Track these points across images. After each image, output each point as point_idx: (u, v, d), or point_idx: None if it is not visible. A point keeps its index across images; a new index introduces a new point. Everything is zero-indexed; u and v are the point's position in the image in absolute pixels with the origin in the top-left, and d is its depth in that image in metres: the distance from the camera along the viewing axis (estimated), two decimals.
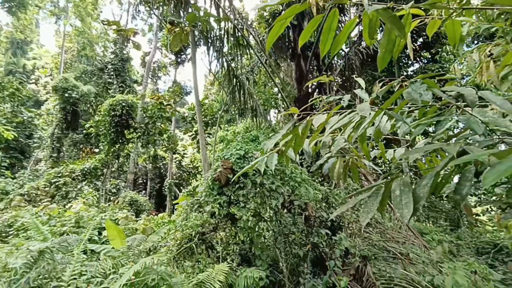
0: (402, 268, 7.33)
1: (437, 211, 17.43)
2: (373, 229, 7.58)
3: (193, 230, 4.95)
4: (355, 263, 6.97)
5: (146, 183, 26.40)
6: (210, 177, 5.57)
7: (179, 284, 4.04)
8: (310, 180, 6.26)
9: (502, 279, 10.19)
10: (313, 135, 2.41)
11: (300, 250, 5.62)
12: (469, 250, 13.20)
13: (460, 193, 1.80)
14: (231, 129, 14.99)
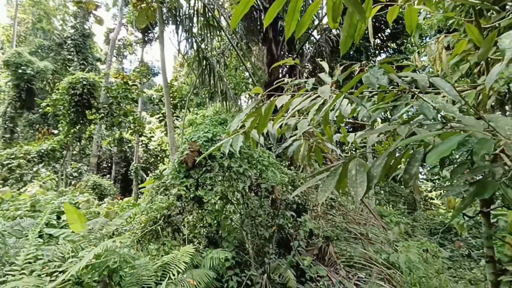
0: (361, 248, 7.80)
1: (397, 195, 18.66)
2: (336, 211, 7.95)
3: (158, 213, 4.88)
4: (318, 244, 7.30)
5: (111, 167, 25.40)
6: (176, 160, 5.48)
7: (143, 266, 4.01)
8: (278, 164, 6.37)
9: (449, 256, 11.23)
10: (277, 116, 2.44)
11: (266, 232, 5.76)
12: (423, 231, 14.35)
13: (409, 172, 1.92)
14: (200, 112, 14.74)
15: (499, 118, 1.40)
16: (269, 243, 5.78)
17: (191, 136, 5.62)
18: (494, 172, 1.70)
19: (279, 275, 5.90)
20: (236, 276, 5.52)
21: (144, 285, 3.84)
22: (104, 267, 3.53)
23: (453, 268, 9.91)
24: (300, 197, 6.31)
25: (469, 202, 1.62)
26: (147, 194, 5.66)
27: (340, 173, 2.07)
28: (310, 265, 6.56)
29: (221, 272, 5.51)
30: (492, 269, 2.75)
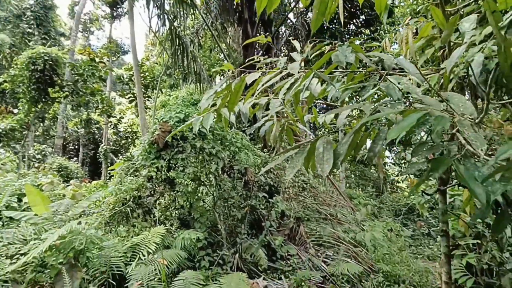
0: (331, 228, 8.13)
1: (366, 179, 19.49)
2: (308, 193, 8.18)
3: (128, 194, 4.77)
4: (289, 224, 7.51)
5: (78, 150, 24.26)
6: (147, 141, 5.33)
7: (112, 247, 3.94)
8: (251, 146, 6.39)
9: (411, 235, 12.00)
10: (248, 93, 2.41)
11: (238, 213, 5.83)
12: (389, 212, 15.20)
13: (373, 150, 1.99)
14: (173, 94, 14.31)
15: (454, 96, 1.47)
16: (241, 224, 5.86)
17: (163, 116, 5.46)
18: (450, 150, 1.80)
19: (251, 255, 6.04)
20: (208, 256, 5.58)
21: (113, 266, 3.78)
22: (70, 249, 3.43)
23: (414, 246, 10.61)
24: (272, 179, 6.40)
25: (425, 177, 1.72)
26: (116, 176, 5.49)
27: (308, 151, 2.10)
28: (281, 245, 6.75)
29: (193, 253, 5.54)
30: (446, 242, 2.97)
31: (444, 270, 2.95)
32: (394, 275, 6.77)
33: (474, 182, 1.48)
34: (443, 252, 2.96)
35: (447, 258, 2.94)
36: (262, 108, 3.05)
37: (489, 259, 4.37)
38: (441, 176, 2.95)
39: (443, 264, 2.94)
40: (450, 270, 2.97)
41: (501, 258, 4.34)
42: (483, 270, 4.38)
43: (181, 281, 3.82)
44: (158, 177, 5.29)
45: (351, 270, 6.12)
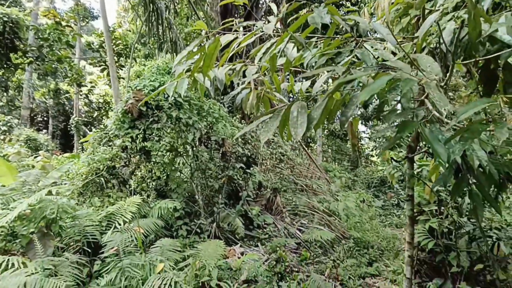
0: (306, 198, 8.42)
1: (342, 153, 20.08)
2: (285, 165, 8.35)
3: (101, 164, 4.65)
4: (266, 195, 7.69)
5: (47, 122, 23.09)
6: (120, 109, 5.14)
7: (86, 217, 3.88)
8: (228, 117, 6.34)
9: (382, 205, 12.67)
10: (223, 57, 2.35)
11: (216, 183, 5.87)
12: (362, 185, 15.88)
13: (345, 115, 2.03)
14: (148, 64, 13.69)
15: (423, 57, 1.50)
16: (218, 194, 5.93)
17: (136, 85, 5.25)
18: (417, 114, 1.86)
19: (228, 224, 6.18)
20: (186, 225, 5.65)
21: (88, 235, 3.75)
22: (40, 218, 3.35)
23: (384, 215, 11.23)
24: (250, 150, 6.45)
25: (394, 140, 1.79)
26: (88, 146, 5.31)
27: (283, 115, 2.11)
28: (258, 214, 6.94)
29: (170, 222, 5.59)
30: (411, 206, 3.16)
31: (408, 232, 3.16)
32: (364, 241, 7.20)
33: (438, 142, 1.56)
34: (408, 215, 3.16)
35: (411, 221, 3.15)
36: (238, 75, 3.00)
37: (449, 223, 4.72)
38: (409, 144, 3.08)
39: (407, 226, 3.15)
40: (413, 232, 3.19)
41: (459, 222, 4.70)
42: (443, 233, 4.74)
43: (158, 248, 3.87)
44: (133, 147, 5.17)
45: (324, 236, 6.44)
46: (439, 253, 4.80)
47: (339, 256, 6.37)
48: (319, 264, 6.02)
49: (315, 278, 4.77)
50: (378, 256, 6.91)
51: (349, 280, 5.51)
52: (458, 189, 2.41)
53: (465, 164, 2.51)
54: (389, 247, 7.50)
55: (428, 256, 5.26)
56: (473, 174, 2.42)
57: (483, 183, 2.37)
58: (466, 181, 2.41)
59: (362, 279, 5.78)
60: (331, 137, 19.32)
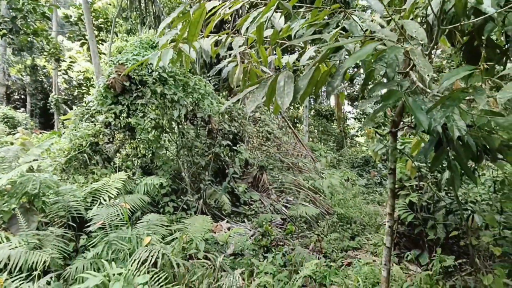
0: (292, 176, 8.55)
1: (328, 134, 20.36)
2: (271, 143, 8.39)
3: (84, 140, 4.54)
4: (253, 172, 7.76)
5: (25, 100, 22.13)
6: (102, 84, 4.97)
7: (70, 192, 3.83)
8: (214, 94, 6.25)
9: (365, 184, 13.04)
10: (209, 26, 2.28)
11: (202, 160, 5.86)
12: (347, 164, 16.23)
13: (332, 85, 2.03)
14: (131, 39, 13.16)
15: (409, 23, 1.50)
16: (205, 171, 5.94)
17: (118, 59, 5.06)
18: (402, 85, 1.89)
19: (215, 200, 6.24)
20: (173, 202, 5.67)
21: (73, 210, 3.71)
22: (22, 193, 3.28)
23: (367, 193, 11.58)
24: (236, 127, 6.43)
25: (378, 110, 1.82)
26: (70, 122, 5.15)
27: (270, 85, 2.09)
28: (245, 191, 7.03)
29: (156, 199, 5.59)
30: (392, 179, 3.27)
31: (389, 204, 3.28)
32: (347, 217, 7.44)
33: (420, 111, 1.59)
34: (389, 188, 3.27)
35: (392, 194, 3.26)
36: (224, 47, 2.93)
37: (428, 198, 4.93)
38: (393, 119, 3.13)
39: (388, 199, 3.26)
40: (394, 204, 3.31)
41: (438, 196, 4.91)
42: (422, 207, 4.95)
43: (144, 223, 3.88)
44: (117, 124, 5.06)
45: (309, 212, 6.62)
46: (417, 226, 5.04)
47: (323, 231, 6.59)
48: (304, 239, 6.22)
49: (300, 251, 4.94)
50: (360, 230, 7.19)
51: (332, 253, 5.73)
52: (437, 161, 2.49)
53: (446, 137, 2.59)
54: (371, 222, 7.79)
55: (407, 229, 5.52)
56: (453, 147, 2.51)
57: (461, 155, 2.46)
58: (445, 153, 2.49)
59: (345, 252, 6.02)
60: (318, 117, 19.47)
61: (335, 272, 4.78)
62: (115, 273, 2.47)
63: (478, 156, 2.52)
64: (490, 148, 2.52)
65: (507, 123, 1.43)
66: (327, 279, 4.59)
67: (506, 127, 1.42)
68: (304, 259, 4.72)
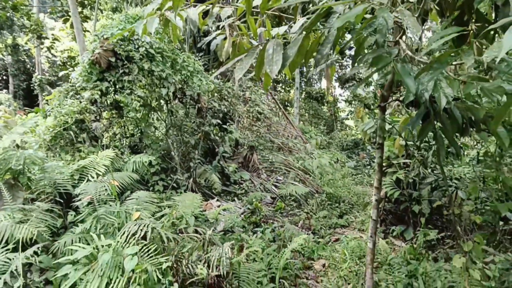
0: (282, 156, 8.60)
1: (319, 118, 20.48)
2: (262, 123, 8.37)
3: (69, 117, 4.42)
4: (243, 152, 7.76)
5: (7, 81, 21.34)
6: (87, 60, 4.81)
7: (56, 169, 3.76)
8: (203, 72, 6.13)
9: (354, 166, 13.26)
10: None
11: (191, 139, 5.81)
12: (337, 147, 16.43)
13: (321, 53, 2.00)
14: (117, 17, 12.69)
15: None
16: (195, 150, 5.90)
17: (103, 33, 4.88)
18: (391, 53, 1.87)
19: (205, 179, 6.25)
20: (162, 181, 5.65)
21: (60, 187, 3.66)
22: (6, 170, 3.20)
23: (355, 174, 11.79)
24: (226, 106, 6.36)
25: (369, 75, 1.81)
26: (54, 99, 5.00)
27: (259, 54, 2.05)
28: (235, 171, 7.05)
29: (146, 178, 5.56)
30: (380, 154, 3.31)
31: (376, 178, 3.33)
32: (336, 196, 7.58)
33: (408, 76, 1.59)
34: (377, 163, 3.32)
35: (379, 168, 3.31)
36: (212, 16, 2.85)
37: (415, 175, 5.04)
38: (382, 94, 3.14)
39: (376, 173, 3.32)
40: (381, 178, 3.37)
41: (424, 173, 5.03)
42: (409, 184, 5.07)
43: (134, 199, 3.86)
44: (103, 101, 4.94)
45: (298, 191, 6.70)
46: (403, 202, 5.17)
47: (312, 209, 6.71)
48: (293, 216, 6.33)
49: (289, 228, 5.03)
50: (349, 209, 7.35)
51: (320, 230, 5.86)
52: (424, 132, 2.53)
53: (433, 110, 2.61)
54: (359, 202, 7.97)
55: (393, 206, 5.67)
56: (439, 119, 2.54)
57: (447, 126, 2.49)
58: (432, 125, 2.52)
59: (333, 229, 6.17)
60: (308, 99, 19.45)
61: (323, 247, 4.91)
62: (103, 244, 2.47)
63: (463, 128, 2.56)
64: (475, 120, 2.57)
65: (493, 87, 1.44)
66: (315, 253, 4.72)
67: (493, 91, 1.43)
68: (293, 235, 4.82)
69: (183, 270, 2.65)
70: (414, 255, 3.67)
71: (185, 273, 2.67)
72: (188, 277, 2.65)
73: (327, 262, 4.44)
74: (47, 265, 2.99)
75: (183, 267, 2.66)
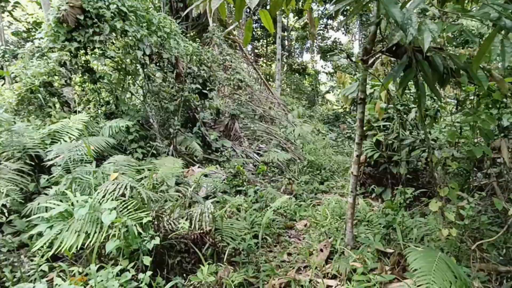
0: (264, 124, 8.56)
1: (301, 92, 20.48)
2: (243, 91, 8.21)
3: (36, 79, 4.12)
4: (225, 121, 7.65)
5: None
6: (52, 18, 4.43)
7: (25, 133, 3.54)
8: (180, 33, 5.82)
9: (335, 138, 13.48)
10: None
11: (170, 105, 5.62)
12: (318, 120, 16.61)
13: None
14: None
15: None
16: (174, 116, 5.73)
17: None
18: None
19: (186, 147, 6.13)
20: (141, 148, 5.49)
21: (30, 151, 3.47)
22: None
23: (336, 145, 12.00)
24: (206, 71, 6.14)
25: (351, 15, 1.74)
26: (19, 61, 4.63)
27: None
28: (217, 139, 6.96)
29: (124, 145, 5.39)
30: (362, 109, 3.31)
31: (358, 133, 3.36)
32: (317, 164, 7.69)
33: (394, 6, 1.53)
34: (358, 118, 3.32)
35: (360, 123, 3.33)
36: None
37: (394, 138, 5.14)
38: (365, 47, 3.08)
39: (357, 128, 3.34)
40: (363, 133, 3.40)
41: (403, 135, 5.13)
42: (388, 146, 5.17)
43: (111, 163, 3.72)
44: (74, 64, 4.62)
45: (280, 158, 6.73)
46: (382, 164, 5.31)
47: (294, 175, 6.79)
48: (276, 182, 6.39)
49: (271, 191, 5.07)
50: (330, 176, 7.50)
51: (302, 194, 5.96)
52: (406, 80, 2.52)
53: (415, 58, 2.58)
54: (340, 169, 8.14)
55: (373, 169, 5.81)
56: (421, 67, 2.52)
57: (428, 74, 2.48)
58: (413, 73, 2.51)
59: (314, 194, 6.30)
60: (290, 72, 19.29)
61: (305, 209, 5.01)
62: (79, 200, 2.36)
63: (444, 78, 2.57)
64: (455, 69, 2.57)
65: (478, 14, 1.40)
66: (297, 215, 4.81)
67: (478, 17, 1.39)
68: (275, 197, 4.87)
69: (165, 225, 2.60)
70: (392, 209, 3.81)
71: (167, 229, 2.63)
72: (170, 232, 2.61)
73: (309, 222, 4.54)
74: (20, 227, 2.87)
75: (164, 223, 2.61)
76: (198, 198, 3.13)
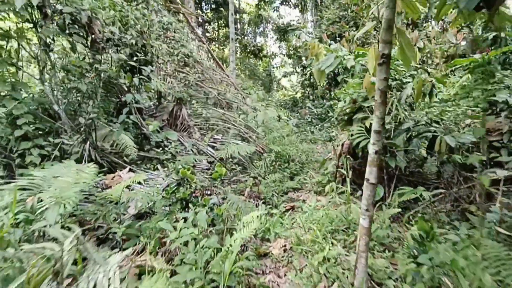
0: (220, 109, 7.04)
1: (256, 78, 19.53)
2: (191, 69, 6.54)
3: None
4: (169, 107, 5.98)
5: None
6: None
7: None
8: None
9: (297, 123, 12.54)
10: None
11: (81, 84, 3.85)
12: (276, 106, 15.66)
13: None
14: None
15: None
16: (89, 100, 3.98)
17: None
18: None
19: (113, 144, 4.44)
20: (40, 148, 3.72)
21: None
22: None
23: (299, 132, 11.01)
24: (133, 37, 4.38)
25: None
26: None
27: None
28: (158, 131, 5.32)
29: (10, 146, 3.60)
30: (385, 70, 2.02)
31: (377, 114, 2.07)
32: (284, 155, 6.44)
33: None
34: (378, 88, 2.04)
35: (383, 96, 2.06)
36: None
37: (388, 122, 4.00)
38: None
39: (375, 106, 2.05)
40: (384, 113, 2.12)
41: (400, 119, 4.00)
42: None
43: None
44: None
45: (242, 151, 5.29)
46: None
47: (260, 173, 5.46)
48: (238, 183, 5.00)
49: (233, 200, 3.66)
50: (299, 169, 6.31)
51: (272, 197, 4.66)
52: None
53: None
54: (308, 159, 7.03)
55: (359, 161, 4.67)
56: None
57: None
58: None
59: (285, 194, 5.05)
60: (245, 53, 17.87)
61: (280, 221, 3.70)
62: None
63: None
64: None
65: None
66: (270, 232, 3.48)
67: None
68: (240, 210, 3.48)
69: None
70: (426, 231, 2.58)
71: None
72: None
73: (288, 243, 3.23)
74: None
75: None
76: (97, 257, 1.60)
